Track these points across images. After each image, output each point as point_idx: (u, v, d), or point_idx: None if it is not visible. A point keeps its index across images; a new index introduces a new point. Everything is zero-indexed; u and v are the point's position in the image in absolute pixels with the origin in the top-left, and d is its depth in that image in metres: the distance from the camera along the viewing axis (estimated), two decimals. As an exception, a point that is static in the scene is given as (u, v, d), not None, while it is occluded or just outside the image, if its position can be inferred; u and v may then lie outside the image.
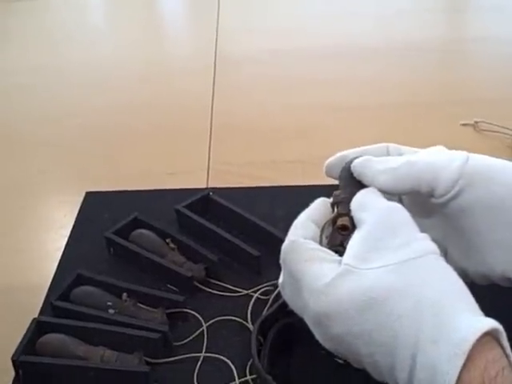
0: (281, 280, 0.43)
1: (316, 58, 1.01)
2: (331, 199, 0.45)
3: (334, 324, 0.37)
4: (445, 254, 0.45)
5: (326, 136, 0.80)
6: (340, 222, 0.42)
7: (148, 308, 0.53)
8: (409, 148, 0.47)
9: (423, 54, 1.03)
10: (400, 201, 0.47)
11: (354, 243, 0.39)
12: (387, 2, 1.23)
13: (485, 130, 0.80)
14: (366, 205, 0.42)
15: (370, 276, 0.37)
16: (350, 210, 0.42)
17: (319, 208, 0.44)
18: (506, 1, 1.21)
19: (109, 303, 0.53)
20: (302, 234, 0.42)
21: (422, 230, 0.42)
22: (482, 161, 0.43)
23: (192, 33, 1.21)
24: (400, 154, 0.46)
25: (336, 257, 0.40)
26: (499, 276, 0.43)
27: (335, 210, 0.44)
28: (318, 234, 0.43)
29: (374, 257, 0.37)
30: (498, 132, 0.79)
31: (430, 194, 0.42)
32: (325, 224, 0.43)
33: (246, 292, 0.56)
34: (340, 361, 0.49)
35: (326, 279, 0.38)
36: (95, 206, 0.67)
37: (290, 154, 0.78)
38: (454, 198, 0.42)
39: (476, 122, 0.81)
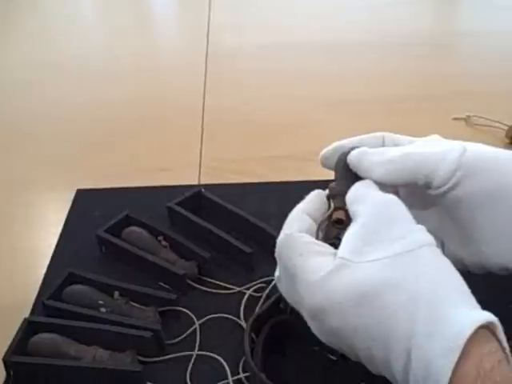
0: (277, 274, 0.43)
1: (307, 53, 1.01)
2: (327, 191, 0.44)
3: (329, 318, 0.37)
4: (441, 244, 0.45)
5: (319, 131, 0.80)
6: (335, 215, 0.42)
7: (140, 306, 0.53)
8: (404, 137, 0.47)
9: (415, 47, 1.03)
10: (396, 192, 0.46)
11: (349, 236, 0.39)
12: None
13: (477, 124, 0.80)
14: (361, 198, 0.41)
15: (365, 269, 0.36)
16: (345, 203, 0.42)
17: (314, 201, 0.44)
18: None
19: (100, 302, 0.53)
20: (297, 227, 0.41)
21: (419, 221, 0.42)
22: (479, 151, 0.43)
23: (183, 28, 1.20)
24: (396, 144, 0.46)
25: (331, 250, 0.39)
26: (496, 265, 0.43)
27: (331, 202, 0.44)
28: (314, 227, 0.42)
29: (370, 250, 0.37)
30: (490, 126, 0.79)
31: (427, 186, 0.42)
32: (322, 219, 0.43)
33: (238, 289, 0.55)
34: (333, 357, 0.50)
35: (321, 273, 0.37)
36: (86, 204, 0.67)
37: (283, 150, 0.77)
38: (452, 189, 0.41)
39: (468, 116, 0.81)
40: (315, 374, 0.49)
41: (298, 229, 0.41)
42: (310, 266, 0.38)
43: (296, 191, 0.45)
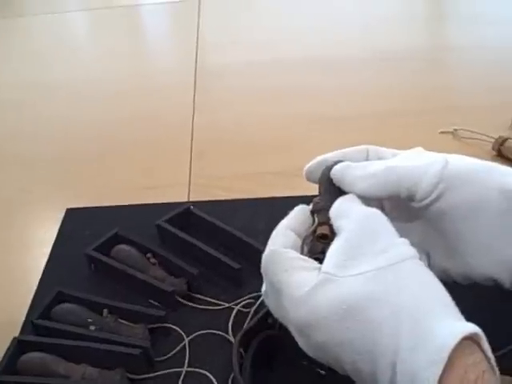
0: (263, 289, 0.43)
1: (296, 70, 1.02)
2: (311, 206, 0.45)
3: (315, 333, 0.38)
4: (427, 256, 0.45)
5: (308, 147, 0.81)
6: (320, 230, 0.42)
7: (129, 324, 0.53)
8: (388, 150, 0.47)
9: (402, 63, 1.03)
10: (381, 206, 0.47)
11: (333, 251, 0.39)
12: (362, 12, 1.24)
13: (464, 138, 0.81)
14: (344, 212, 0.42)
15: (348, 284, 0.37)
16: (329, 218, 0.42)
17: (298, 216, 0.44)
18: (488, 9, 1.22)
19: (89, 320, 0.53)
20: (282, 242, 0.42)
21: (404, 234, 0.42)
22: (461, 163, 0.43)
23: (172, 47, 1.21)
24: (379, 157, 0.46)
25: (316, 265, 0.40)
26: (481, 276, 0.43)
27: (315, 217, 0.44)
28: (298, 242, 0.43)
29: (353, 264, 0.37)
30: (476, 139, 0.80)
31: (410, 199, 0.42)
32: (306, 234, 0.43)
33: (227, 305, 0.56)
34: (322, 372, 0.50)
35: (306, 288, 0.38)
36: (76, 223, 0.67)
37: (272, 166, 0.78)
38: (435, 201, 0.42)
39: (455, 130, 0.81)
40: (304, 388, 0.49)
41: (282, 244, 0.42)
42: (295, 282, 0.39)
43: (284, 206, 0.45)
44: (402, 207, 0.45)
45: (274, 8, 1.27)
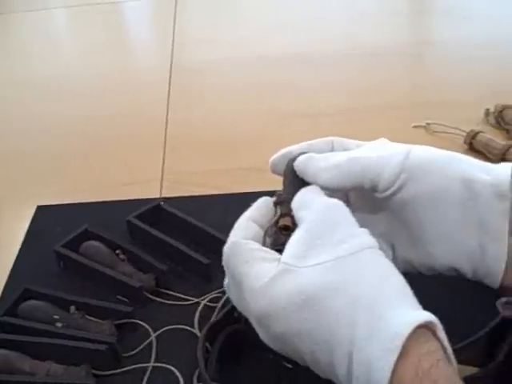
0: (226, 282, 0.43)
1: (273, 66, 1.01)
2: (274, 198, 0.45)
3: (274, 323, 0.38)
4: (392, 247, 0.45)
5: (281, 143, 0.79)
6: (282, 222, 0.43)
7: (96, 320, 0.53)
8: (353, 141, 0.47)
9: (379, 58, 1.03)
10: (346, 197, 0.47)
11: (293, 242, 0.39)
12: (342, 7, 1.24)
13: (436, 132, 0.81)
14: (305, 203, 0.42)
15: (307, 274, 0.37)
16: (291, 210, 0.43)
17: (261, 208, 0.44)
18: (466, 4, 1.23)
19: (56, 317, 0.53)
20: (243, 234, 0.42)
21: (369, 225, 0.43)
22: (423, 154, 0.43)
23: (149, 43, 1.20)
24: (345, 148, 0.46)
25: (277, 256, 0.40)
26: (443, 266, 0.43)
27: (277, 209, 0.44)
28: (260, 233, 0.43)
29: (312, 254, 0.38)
30: (449, 133, 0.80)
31: (374, 189, 0.43)
32: (268, 225, 0.43)
33: (195, 300, 0.55)
34: (288, 365, 0.50)
35: (265, 279, 0.38)
36: (46, 220, 0.67)
37: (245, 162, 0.78)
38: (397, 192, 0.42)
39: (427, 124, 0.82)
40: (271, 382, 0.49)
41: (243, 236, 0.42)
42: (255, 273, 0.39)
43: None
44: (366, 198, 0.45)
45: (253, 4, 1.27)
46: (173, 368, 0.50)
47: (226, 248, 0.42)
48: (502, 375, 0.46)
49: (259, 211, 0.44)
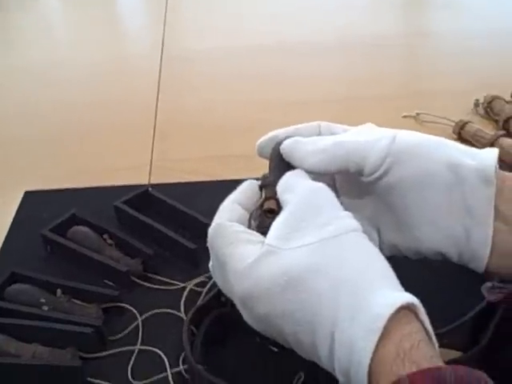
0: (210, 264, 0.43)
1: (262, 55, 1.02)
2: (259, 181, 0.45)
3: (257, 305, 0.38)
4: (378, 231, 0.45)
5: (271, 130, 0.80)
6: (267, 205, 0.43)
7: (83, 304, 0.53)
8: (340, 126, 0.47)
9: (370, 48, 1.04)
10: (333, 181, 0.47)
11: (277, 224, 0.39)
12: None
13: (425, 121, 0.81)
14: (290, 186, 0.42)
15: (290, 256, 0.37)
16: (276, 193, 0.43)
17: (246, 190, 0.45)
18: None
19: (42, 300, 0.53)
20: (228, 216, 0.42)
21: (355, 209, 0.43)
22: (409, 138, 0.43)
23: (140, 31, 1.20)
24: (331, 133, 0.46)
25: (261, 238, 0.40)
26: (429, 250, 0.43)
27: (263, 192, 0.44)
28: (245, 216, 0.43)
29: (296, 236, 0.38)
30: (438, 123, 0.80)
31: (360, 173, 0.43)
32: (254, 208, 0.43)
33: (182, 285, 0.56)
34: (274, 348, 0.50)
35: (249, 260, 0.38)
36: (34, 205, 0.67)
37: (235, 149, 0.78)
38: (383, 176, 0.42)
39: (417, 114, 0.82)
40: (256, 365, 0.49)
41: (228, 218, 0.42)
42: (239, 254, 0.39)
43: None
44: (352, 183, 0.45)
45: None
46: (159, 351, 0.50)
47: (210, 230, 0.42)
48: (485, 360, 0.46)
49: (244, 194, 0.44)
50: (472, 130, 0.76)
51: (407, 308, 0.34)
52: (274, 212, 0.42)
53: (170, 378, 0.47)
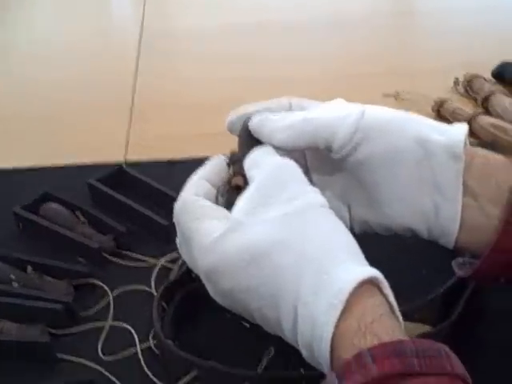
0: (178, 240, 0.43)
1: (245, 33, 1.00)
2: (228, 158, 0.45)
3: (222, 279, 0.38)
4: (349, 208, 0.45)
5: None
6: (234, 181, 0.43)
7: (53, 280, 0.53)
8: (311, 102, 0.47)
9: (349, 27, 1.03)
10: (303, 158, 0.47)
11: (243, 199, 0.39)
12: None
13: (405, 100, 0.81)
14: (256, 163, 0.41)
15: (255, 231, 0.37)
16: (244, 169, 0.42)
17: (214, 166, 0.44)
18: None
19: (12, 277, 0.52)
20: (194, 191, 0.42)
21: (327, 186, 0.43)
22: (378, 113, 0.43)
23: (119, 7, 1.18)
24: (302, 109, 0.46)
25: (227, 214, 0.39)
26: (399, 227, 0.43)
27: (230, 168, 0.44)
28: (212, 192, 0.43)
29: (261, 211, 0.38)
30: (417, 101, 0.80)
31: (329, 149, 0.42)
32: (221, 184, 0.43)
33: (154, 261, 0.55)
34: (246, 324, 0.50)
35: (214, 235, 0.38)
36: (7, 183, 0.66)
37: (213, 128, 0.76)
38: (352, 152, 0.42)
39: (397, 92, 0.82)
40: (228, 340, 0.50)
41: (194, 193, 0.42)
42: (204, 229, 0.39)
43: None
44: (323, 160, 0.45)
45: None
46: (129, 327, 0.50)
47: (176, 205, 0.41)
48: (455, 334, 0.47)
49: (212, 169, 0.44)
50: (451, 108, 0.76)
51: (370, 282, 0.34)
52: (240, 188, 0.42)
53: (140, 353, 0.47)
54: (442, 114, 0.77)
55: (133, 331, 0.49)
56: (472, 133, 0.73)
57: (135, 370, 0.47)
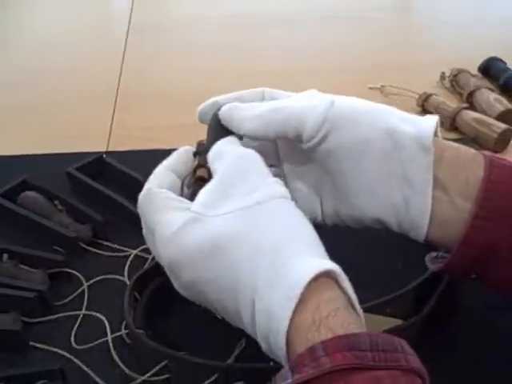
0: (144, 231, 0.43)
1: (232, 26, 1.01)
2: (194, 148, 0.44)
3: (183, 272, 0.38)
4: (320, 199, 0.45)
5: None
6: (198, 173, 0.42)
7: (29, 269, 0.53)
8: (283, 92, 0.46)
9: (336, 21, 1.03)
10: (275, 148, 0.46)
11: (204, 191, 0.39)
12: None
13: (390, 94, 0.81)
14: (220, 154, 0.41)
15: (215, 222, 0.37)
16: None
17: (180, 157, 0.44)
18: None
19: (-13, 265, 0.52)
20: (159, 182, 0.41)
21: (299, 177, 0.42)
22: (348, 104, 0.42)
23: (106, 0, 1.18)
24: (273, 99, 0.45)
25: (190, 205, 0.39)
26: (369, 219, 0.43)
27: (196, 159, 0.43)
28: (177, 183, 0.42)
29: (222, 204, 0.37)
30: (403, 95, 0.80)
31: (298, 139, 0.42)
32: (186, 175, 0.43)
33: (130, 251, 0.55)
34: (219, 316, 0.50)
35: (175, 227, 0.37)
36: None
37: (196, 119, 0.77)
38: (321, 142, 0.41)
39: (382, 86, 0.82)
40: (199, 332, 0.49)
41: (158, 184, 0.41)
42: (166, 221, 0.38)
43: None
44: (296, 150, 0.44)
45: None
46: (102, 316, 0.50)
47: (140, 196, 0.41)
48: (426, 328, 0.47)
49: (177, 160, 0.44)
50: (435, 103, 0.76)
51: (327, 275, 0.34)
52: (204, 180, 0.41)
53: (111, 343, 0.47)
54: (426, 108, 0.77)
55: (105, 321, 0.49)
56: (456, 128, 0.74)
57: (106, 359, 0.47)
